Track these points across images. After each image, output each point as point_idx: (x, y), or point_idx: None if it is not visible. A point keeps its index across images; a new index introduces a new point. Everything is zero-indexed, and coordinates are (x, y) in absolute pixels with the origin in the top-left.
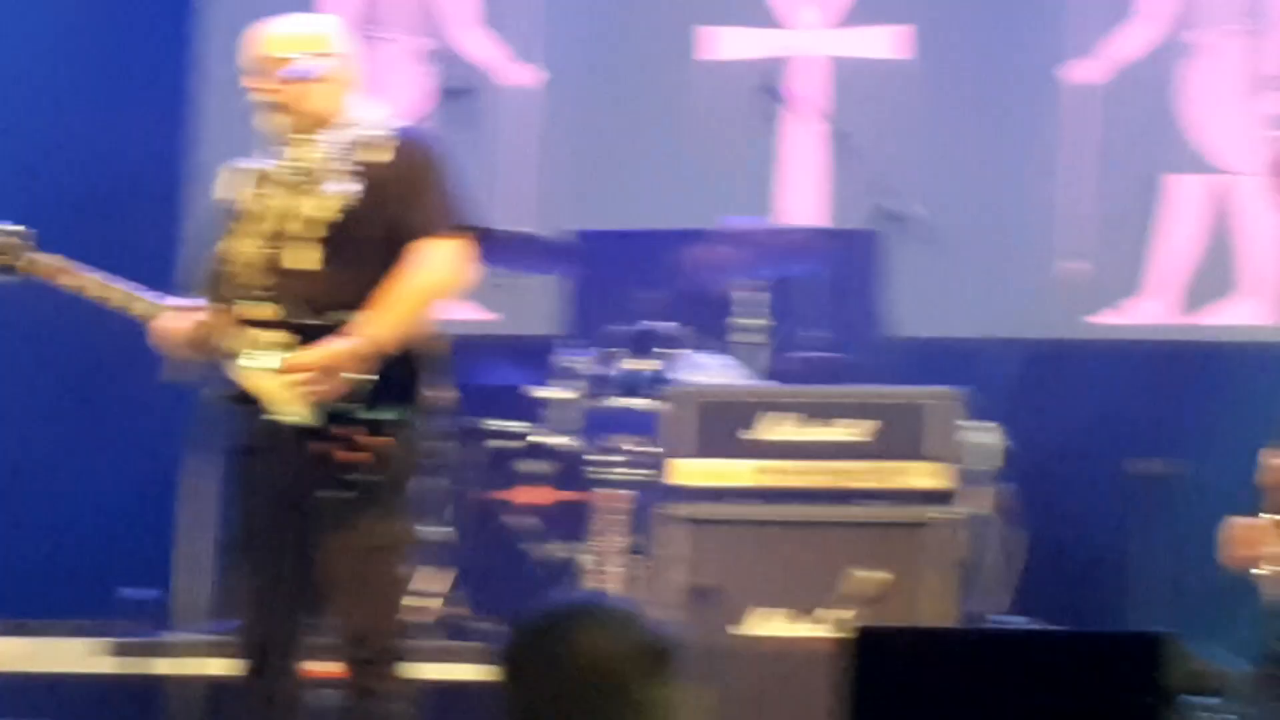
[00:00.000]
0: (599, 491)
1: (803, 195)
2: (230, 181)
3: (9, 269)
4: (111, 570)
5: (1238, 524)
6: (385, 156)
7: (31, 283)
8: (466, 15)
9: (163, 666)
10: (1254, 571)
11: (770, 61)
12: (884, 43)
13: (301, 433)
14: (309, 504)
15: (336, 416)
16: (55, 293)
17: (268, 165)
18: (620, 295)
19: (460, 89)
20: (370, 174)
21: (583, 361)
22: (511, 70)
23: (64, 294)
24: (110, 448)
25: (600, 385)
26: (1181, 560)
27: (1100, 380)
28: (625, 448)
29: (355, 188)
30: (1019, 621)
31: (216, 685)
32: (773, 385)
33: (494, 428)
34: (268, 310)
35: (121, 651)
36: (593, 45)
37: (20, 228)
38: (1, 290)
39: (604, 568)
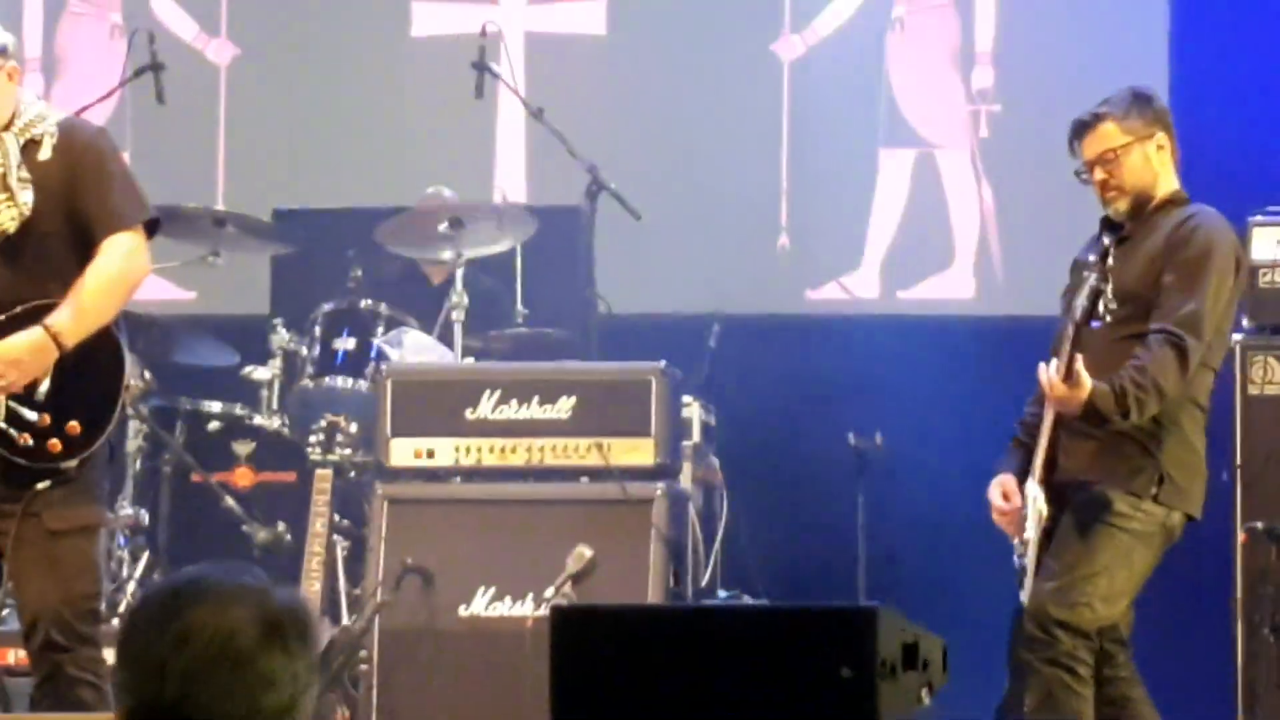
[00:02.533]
0: (310, 472)
1: (515, 172)
2: None
3: None
4: None
5: (1002, 484)
6: (48, 155)
7: None
8: None
9: None
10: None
11: (486, 38)
12: (576, 18)
13: None
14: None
15: (24, 406)
16: None
17: None
18: (326, 274)
19: (151, 65)
20: (39, 175)
21: (290, 340)
22: (207, 45)
23: None
24: None
25: (309, 364)
26: (899, 532)
27: (822, 354)
28: (335, 427)
29: (29, 195)
30: (727, 597)
31: None
32: (479, 364)
33: (202, 409)
34: None
35: None
36: (288, 20)
37: None
38: None
39: (316, 549)
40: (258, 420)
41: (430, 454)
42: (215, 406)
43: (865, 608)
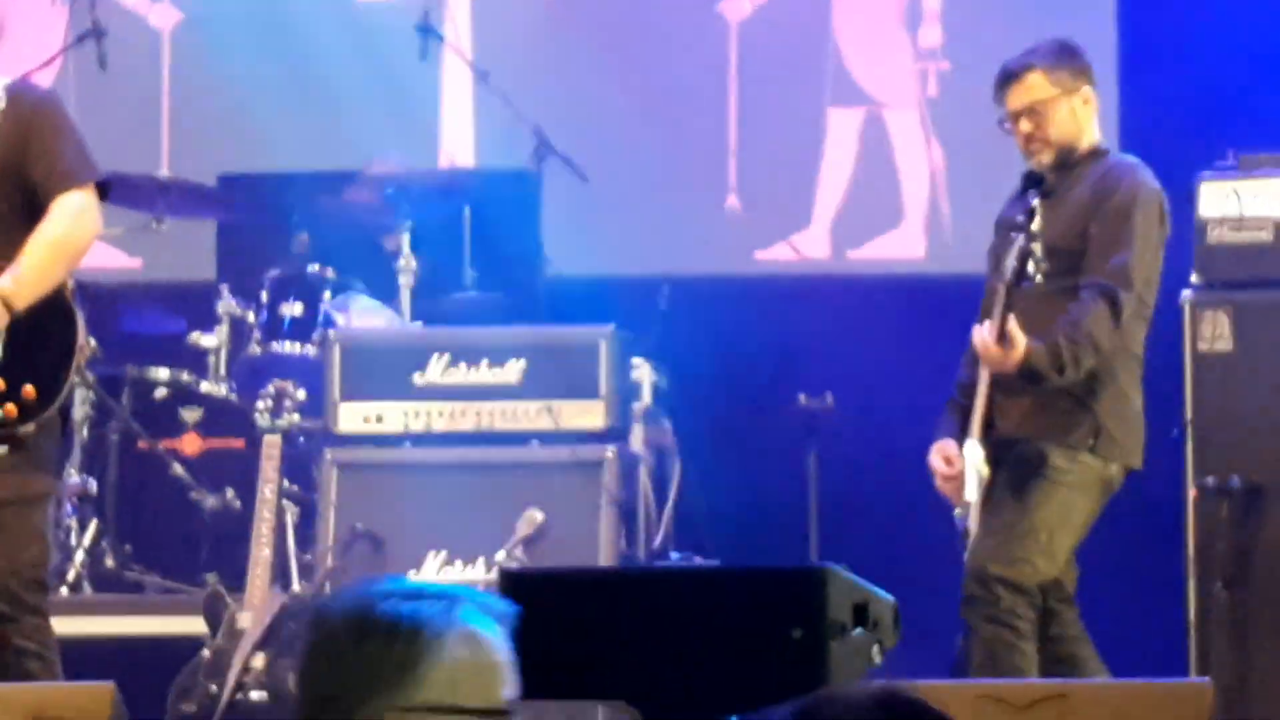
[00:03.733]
0: (259, 438)
1: (462, 135)
2: None
3: None
4: None
5: (942, 449)
6: None
7: None
8: None
9: None
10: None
11: (431, 1)
12: None
13: None
14: None
15: None
16: None
17: None
18: (273, 239)
19: (95, 30)
20: None
21: (237, 306)
22: (149, 10)
23: None
24: None
25: (256, 330)
26: (850, 492)
27: (772, 315)
28: (283, 393)
29: None
30: (680, 558)
31: None
32: (427, 328)
33: (148, 376)
34: None
35: None
36: None
37: None
38: None
39: (265, 515)
40: (205, 387)
41: (379, 419)
42: (162, 373)
43: (815, 568)
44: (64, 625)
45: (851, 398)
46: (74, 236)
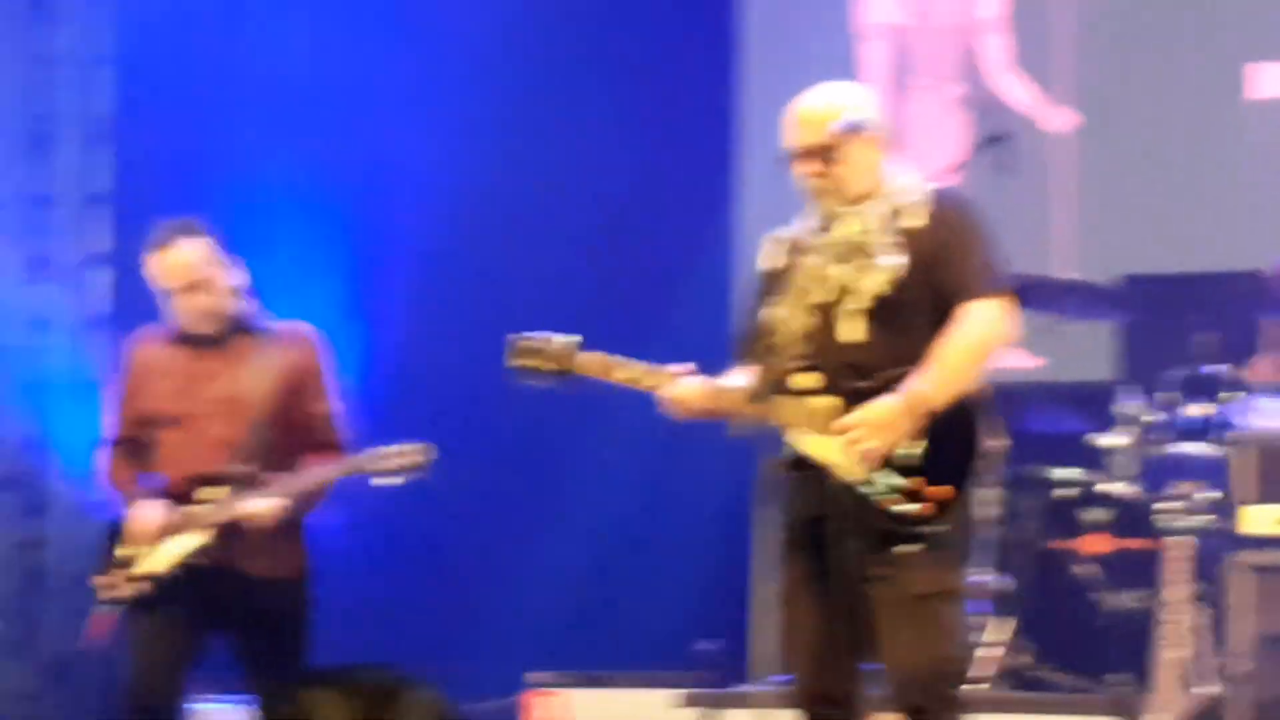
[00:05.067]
0: (1163, 539)
1: None
2: (773, 252)
3: (565, 373)
4: (687, 623)
5: None
6: (921, 222)
7: (585, 382)
8: (1001, 60)
9: (736, 717)
10: None
11: None
12: None
13: (859, 489)
14: (865, 555)
15: (895, 469)
16: None
17: (810, 235)
18: (1174, 339)
19: (998, 135)
20: (910, 242)
21: (1139, 407)
22: (1048, 115)
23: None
24: (684, 503)
25: (1159, 431)
26: None
27: None
28: (1188, 494)
29: (902, 260)
30: None
31: None
32: None
33: (1052, 476)
34: (814, 378)
35: (694, 702)
36: (1128, 86)
37: (570, 337)
38: None
39: (1171, 617)
40: (1107, 487)
41: None
42: (1066, 473)
43: None
44: None
45: None
46: (986, 342)
